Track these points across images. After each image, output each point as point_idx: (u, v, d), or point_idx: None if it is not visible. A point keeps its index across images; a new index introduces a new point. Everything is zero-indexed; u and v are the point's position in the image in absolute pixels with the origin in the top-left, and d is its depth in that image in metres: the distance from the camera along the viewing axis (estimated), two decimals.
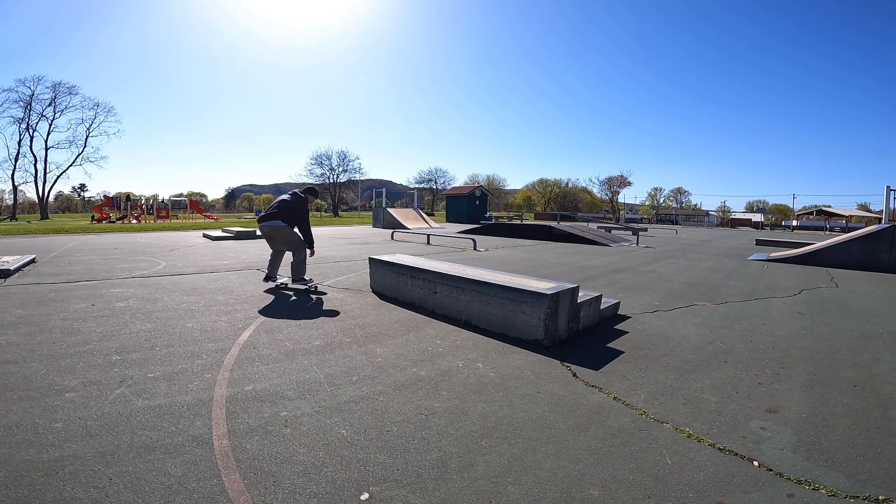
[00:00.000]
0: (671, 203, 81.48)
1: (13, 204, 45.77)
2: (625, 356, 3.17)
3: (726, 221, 60.52)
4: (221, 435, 1.96)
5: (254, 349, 3.10)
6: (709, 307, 4.88)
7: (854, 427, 2.18)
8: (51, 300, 4.40)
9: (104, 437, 1.92)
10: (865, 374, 2.92)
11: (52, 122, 43.39)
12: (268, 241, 5.41)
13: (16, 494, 1.52)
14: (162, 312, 4.02)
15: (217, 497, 1.56)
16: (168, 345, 3.14)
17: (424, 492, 1.63)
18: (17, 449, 1.80)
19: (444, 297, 4.14)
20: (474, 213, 31.47)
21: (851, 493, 1.67)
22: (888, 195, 10.99)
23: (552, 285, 3.55)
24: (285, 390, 2.45)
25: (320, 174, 67.99)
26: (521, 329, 3.45)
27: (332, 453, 1.85)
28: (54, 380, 2.48)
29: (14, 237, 12.63)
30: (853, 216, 45.23)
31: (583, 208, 77.29)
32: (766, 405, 2.41)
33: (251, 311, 4.15)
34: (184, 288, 5.20)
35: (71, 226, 19.70)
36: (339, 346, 3.25)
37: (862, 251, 8.79)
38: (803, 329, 4.05)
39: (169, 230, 16.67)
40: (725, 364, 3.06)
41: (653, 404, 2.40)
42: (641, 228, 22.72)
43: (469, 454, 1.88)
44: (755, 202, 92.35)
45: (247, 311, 4.14)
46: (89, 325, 3.55)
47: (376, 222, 22.70)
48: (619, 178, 75.51)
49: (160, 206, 30.51)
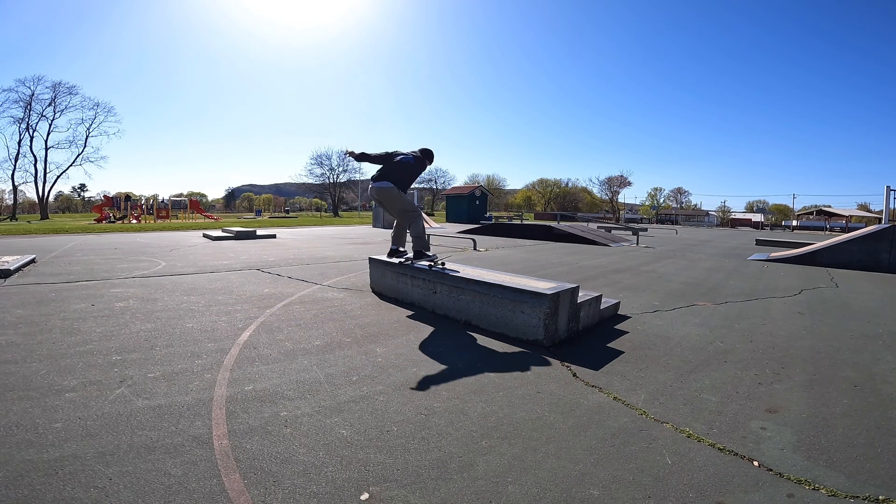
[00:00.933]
0: (671, 203, 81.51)
1: (13, 204, 45.80)
2: (625, 356, 3.17)
3: (726, 221, 60.53)
4: (221, 435, 1.96)
5: (254, 349, 3.10)
6: (709, 307, 4.88)
7: (854, 427, 2.18)
8: (51, 300, 4.40)
9: (104, 437, 1.92)
10: (865, 374, 2.92)
11: (52, 122, 43.45)
12: (382, 207, 4.82)
13: (16, 494, 1.52)
14: (162, 312, 4.02)
15: (217, 497, 1.56)
16: (168, 345, 3.14)
17: (424, 492, 1.63)
18: (17, 449, 1.80)
19: (444, 297, 4.14)
20: (474, 213, 31.49)
21: (851, 493, 1.67)
22: (888, 195, 10.99)
23: (552, 285, 3.55)
24: (285, 390, 2.45)
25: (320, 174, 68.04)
26: (521, 329, 3.45)
27: (332, 453, 1.85)
28: (54, 380, 2.48)
29: (14, 237, 12.63)
30: (853, 216, 45.26)
31: (583, 208, 77.30)
32: (766, 405, 2.41)
33: (251, 311, 4.15)
34: (184, 288, 5.20)
35: (71, 226, 19.70)
36: (339, 346, 3.25)
37: (862, 251, 8.78)
38: (803, 329, 4.05)
39: (169, 230, 16.67)
40: (725, 364, 3.05)
41: (653, 404, 2.40)
42: (641, 228, 22.72)
43: (469, 454, 1.88)
44: (755, 202, 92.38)
45: (247, 311, 4.14)
46: (89, 325, 3.55)
47: (376, 222, 22.69)
48: (619, 178, 75.57)
49: (160, 206, 30.52)
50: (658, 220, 62.91)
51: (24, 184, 44.91)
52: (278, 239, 12.74)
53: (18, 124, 42.16)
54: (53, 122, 43.50)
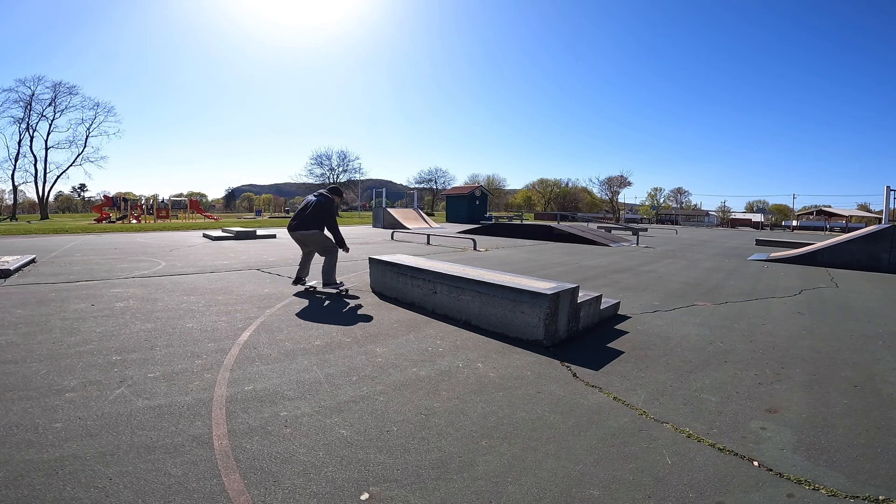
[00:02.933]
0: (671, 203, 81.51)
1: (13, 204, 45.77)
2: (625, 356, 3.17)
3: (726, 221, 60.49)
4: (221, 435, 1.96)
5: (254, 349, 3.10)
6: (709, 307, 4.88)
7: (854, 427, 2.18)
8: (51, 300, 4.40)
9: (104, 437, 1.91)
10: (865, 374, 2.92)
11: (52, 122, 43.41)
12: (300, 245, 5.35)
13: (16, 494, 1.52)
14: (162, 312, 4.02)
15: (217, 497, 1.56)
16: (168, 345, 3.14)
17: (424, 492, 1.63)
18: (17, 449, 1.80)
19: (444, 297, 4.14)
20: (474, 213, 31.47)
21: (851, 493, 1.67)
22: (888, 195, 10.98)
23: (552, 285, 3.55)
24: (285, 390, 2.45)
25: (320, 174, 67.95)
26: (521, 329, 3.45)
27: (332, 453, 1.85)
28: (54, 380, 2.48)
29: (14, 237, 12.63)
30: (853, 216, 45.27)
31: (583, 208, 77.30)
32: (766, 405, 2.41)
33: (251, 311, 4.15)
34: (184, 288, 5.20)
35: (71, 226, 19.70)
36: (339, 346, 3.25)
37: (862, 251, 8.78)
38: (803, 329, 4.05)
39: (169, 230, 16.66)
40: (725, 364, 3.05)
41: (653, 404, 2.40)
42: (641, 228, 22.71)
43: (469, 454, 1.88)
44: (755, 202, 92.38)
45: (247, 311, 4.14)
46: (89, 325, 3.55)
47: (376, 222, 22.69)
48: (619, 178, 75.52)
49: (160, 206, 30.51)
50: (658, 220, 62.88)
51: (24, 184, 44.91)
52: (278, 239, 12.73)
53: (18, 124, 42.17)
54: (53, 122, 43.49)
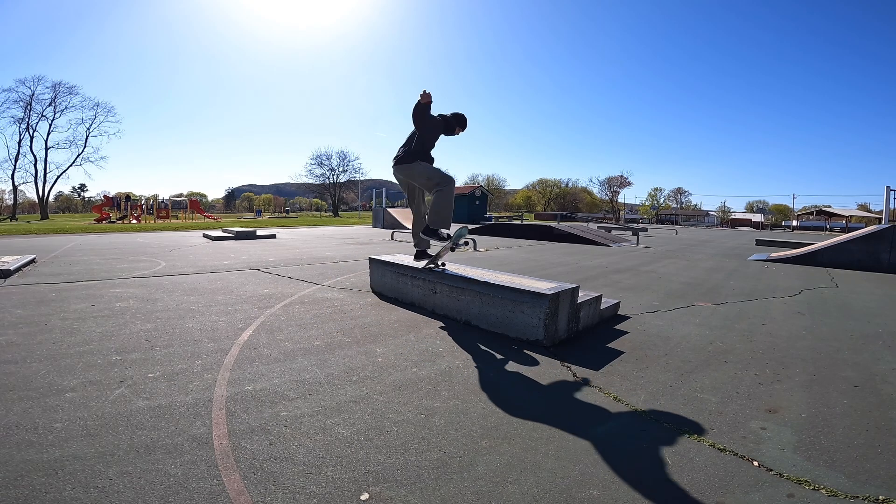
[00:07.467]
0: (671, 203, 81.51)
1: (13, 204, 45.80)
2: (625, 356, 3.16)
3: (726, 221, 60.49)
4: (221, 435, 1.96)
5: (254, 349, 3.10)
6: (709, 307, 4.88)
7: (854, 427, 2.18)
8: (51, 300, 4.40)
9: (104, 437, 1.91)
10: (865, 374, 2.92)
11: (52, 122, 43.51)
12: (407, 194, 4.37)
13: (16, 494, 1.52)
14: (162, 312, 4.02)
15: (217, 497, 1.56)
16: (168, 345, 3.14)
17: (424, 492, 1.63)
18: (17, 449, 1.80)
19: (444, 297, 4.14)
20: (474, 213, 31.51)
21: (851, 493, 1.67)
22: (888, 195, 10.98)
23: (552, 285, 3.55)
24: (285, 390, 2.45)
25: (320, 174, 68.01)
26: (521, 329, 3.45)
27: (332, 453, 1.85)
28: (54, 380, 2.48)
29: (14, 237, 12.62)
30: (853, 216, 45.28)
31: (583, 208, 77.30)
32: (766, 405, 2.41)
33: (251, 311, 4.15)
34: (184, 288, 5.20)
35: (71, 226, 19.70)
36: (339, 346, 3.25)
37: (862, 251, 8.78)
38: (803, 329, 4.05)
39: (169, 230, 16.66)
40: (725, 364, 3.05)
41: (653, 404, 2.39)
42: (641, 228, 22.70)
43: (469, 454, 1.88)
44: (755, 202, 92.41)
45: (247, 311, 4.14)
46: (89, 325, 3.55)
47: (376, 222, 22.68)
48: (619, 179, 75.56)
49: (160, 206, 30.51)
50: (658, 221, 62.88)
51: (24, 184, 45.01)
52: (278, 239, 12.73)
53: (18, 124, 42.25)
54: (53, 122, 43.60)
